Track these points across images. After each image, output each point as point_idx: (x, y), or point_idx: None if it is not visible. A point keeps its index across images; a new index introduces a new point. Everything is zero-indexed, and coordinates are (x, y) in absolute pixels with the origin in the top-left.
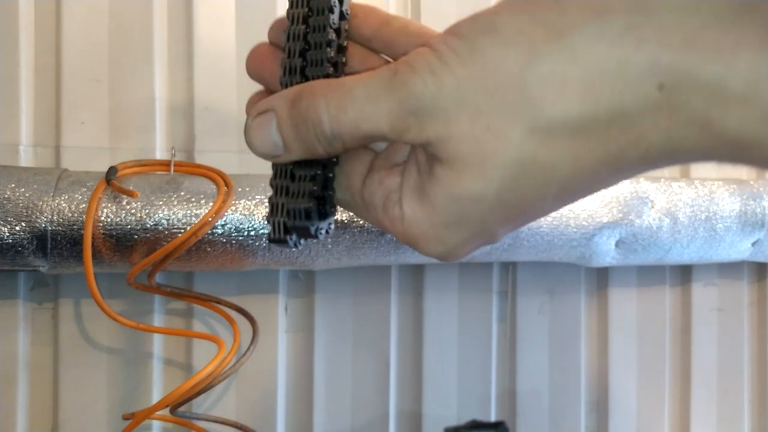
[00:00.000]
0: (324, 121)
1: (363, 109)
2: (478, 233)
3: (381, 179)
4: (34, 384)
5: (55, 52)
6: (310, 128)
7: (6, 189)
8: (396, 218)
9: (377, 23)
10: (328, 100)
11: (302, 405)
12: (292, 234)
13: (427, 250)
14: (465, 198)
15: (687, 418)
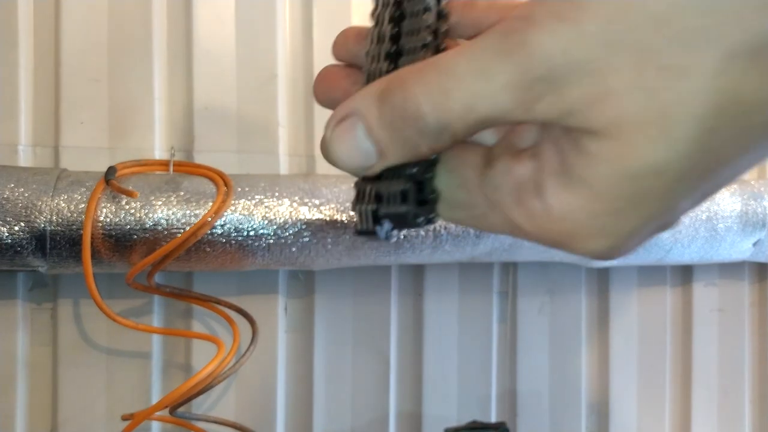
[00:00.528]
0: (426, 113)
1: (473, 87)
2: (656, 215)
3: (508, 169)
4: (34, 384)
5: (54, 52)
6: (410, 124)
7: (5, 189)
8: (537, 213)
9: (461, 6)
10: (426, 86)
11: (302, 405)
12: (382, 223)
13: (585, 248)
14: (640, 172)
15: (688, 418)
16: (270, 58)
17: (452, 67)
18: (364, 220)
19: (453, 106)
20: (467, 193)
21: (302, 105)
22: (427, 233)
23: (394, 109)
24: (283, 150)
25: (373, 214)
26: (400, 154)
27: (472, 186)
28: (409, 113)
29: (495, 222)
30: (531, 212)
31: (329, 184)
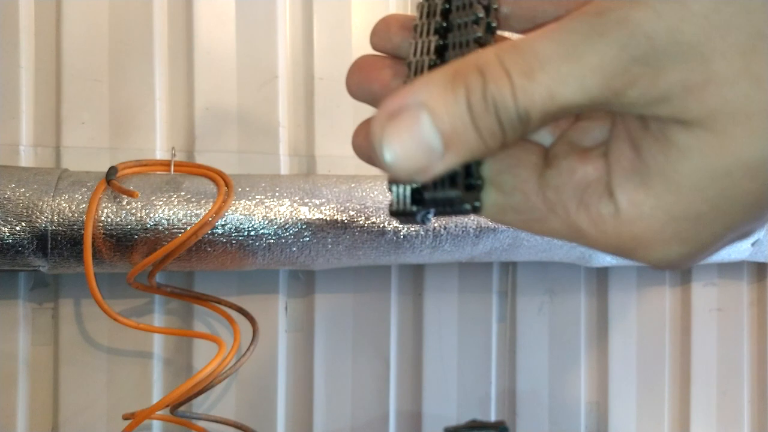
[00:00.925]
0: (507, 97)
1: (559, 70)
2: (743, 221)
3: (572, 169)
4: (35, 384)
5: (55, 53)
6: (489, 111)
7: (6, 189)
8: (604, 217)
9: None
10: (507, 68)
11: (302, 405)
12: (420, 208)
13: (655, 256)
14: (735, 170)
15: (687, 417)
16: (270, 58)
17: (537, 48)
18: (400, 201)
19: (537, 91)
20: (523, 194)
21: (303, 105)
22: (427, 233)
23: (471, 92)
24: (283, 150)
25: (411, 195)
26: (470, 150)
27: (529, 187)
28: (490, 97)
29: (553, 226)
30: (597, 216)
31: (329, 184)
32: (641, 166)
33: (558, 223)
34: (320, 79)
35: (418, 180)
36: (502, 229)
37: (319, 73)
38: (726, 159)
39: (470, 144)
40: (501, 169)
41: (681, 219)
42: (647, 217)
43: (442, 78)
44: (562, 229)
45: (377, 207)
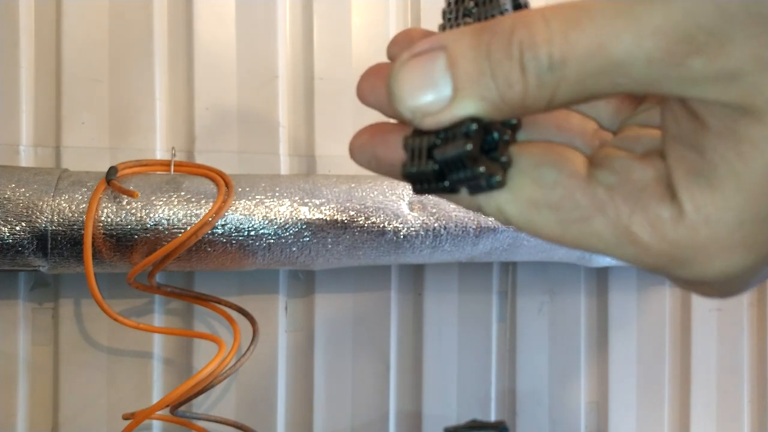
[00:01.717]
0: (541, 42)
1: (613, 23)
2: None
3: (627, 167)
4: (35, 384)
5: (55, 53)
6: (513, 56)
7: (6, 189)
8: (663, 220)
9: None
10: (546, 15)
11: (302, 405)
12: (437, 169)
13: (720, 266)
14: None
15: (687, 417)
16: (270, 58)
17: (587, 3)
18: (415, 159)
19: (581, 39)
20: (566, 190)
21: (302, 105)
22: (427, 233)
23: (495, 35)
24: (283, 150)
25: (427, 152)
26: (479, 97)
27: (575, 183)
28: (516, 41)
29: (598, 229)
30: (656, 219)
31: (329, 184)
32: (707, 166)
33: (605, 226)
34: (320, 79)
35: (424, 125)
36: (502, 229)
37: (319, 73)
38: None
39: (482, 93)
40: (541, 161)
41: (750, 222)
42: (714, 221)
43: (472, 27)
44: (607, 233)
45: (377, 207)
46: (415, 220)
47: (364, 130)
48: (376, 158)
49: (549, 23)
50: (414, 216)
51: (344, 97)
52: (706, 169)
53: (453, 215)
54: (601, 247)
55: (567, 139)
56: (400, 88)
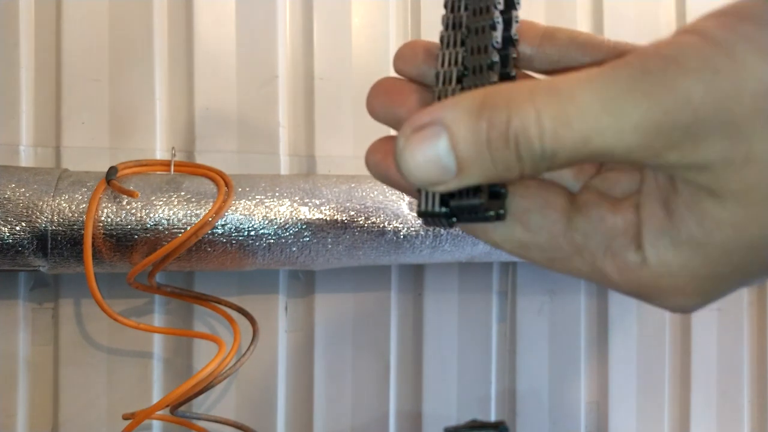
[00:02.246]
0: (534, 137)
1: (600, 120)
2: (756, 278)
3: (602, 218)
4: (35, 384)
5: (55, 52)
6: (510, 147)
7: (6, 189)
8: (630, 266)
9: (538, 38)
10: (539, 108)
11: (302, 405)
12: (447, 208)
13: (673, 304)
14: (761, 242)
15: (687, 418)
16: (270, 58)
17: (576, 93)
18: (429, 203)
19: (568, 136)
20: (550, 235)
21: (302, 105)
22: (427, 233)
23: (493, 126)
24: (283, 150)
25: (440, 198)
26: (483, 176)
27: (557, 229)
28: (512, 134)
29: (577, 266)
30: (623, 264)
31: (329, 185)
32: (672, 228)
33: (582, 265)
34: (320, 79)
35: (434, 190)
36: None
37: (319, 73)
38: (756, 232)
39: (484, 171)
40: (529, 208)
41: (705, 278)
42: (673, 274)
43: (469, 103)
44: (585, 270)
45: (377, 207)
46: (415, 220)
47: (377, 147)
48: (388, 179)
49: (540, 118)
50: (414, 216)
51: (344, 97)
52: (671, 231)
53: None
54: (583, 278)
55: (556, 175)
56: (408, 165)
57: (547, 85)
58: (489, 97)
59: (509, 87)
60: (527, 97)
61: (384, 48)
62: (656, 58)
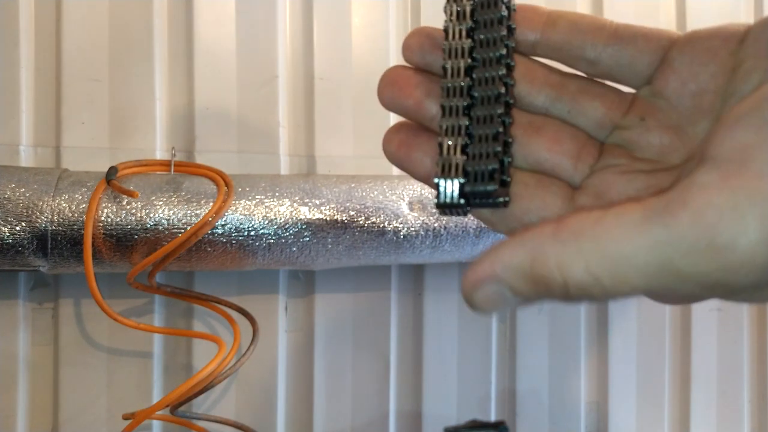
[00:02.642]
0: (594, 292)
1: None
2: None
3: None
4: (34, 384)
5: (55, 52)
6: (556, 289)
7: (6, 189)
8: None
9: (541, 25)
10: (593, 272)
11: (302, 405)
12: (467, 199)
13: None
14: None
15: (687, 418)
16: (270, 58)
17: (614, 244)
18: (448, 195)
19: (626, 290)
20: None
21: (303, 105)
22: (427, 233)
23: (541, 280)
24: (283, 150)
25: (459, 189)
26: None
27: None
28: (556, 283)
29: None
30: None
31: (329, 184)
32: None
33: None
34: (320, 79)
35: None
36: None
37: (319, 73)
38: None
39: (537, 297)
40: (528, 209)
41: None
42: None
43: (519, 262)
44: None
45: (377, 207)
46: (415, 220)
47: (392, 136)
48: (403, 167)
49: (600, 280)
50: (414, 216)
51: (344, 97)
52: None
53: None
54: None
55: (556, 161)
56: (482, 310)
57: (593, 239)
58: (537, 260)
59: (556, 246)
60: (577, 256)
61: (384, 48)
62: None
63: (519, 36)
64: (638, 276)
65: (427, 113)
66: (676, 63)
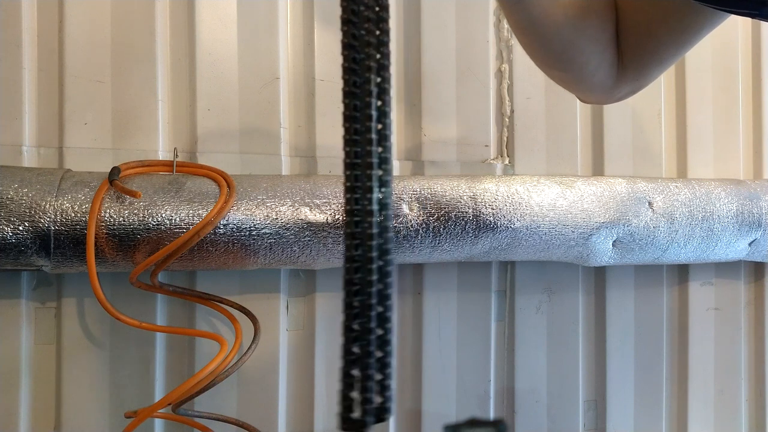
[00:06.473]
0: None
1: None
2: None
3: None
4: (37, 382)
5: (58, 54)
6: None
7: (9, 189)
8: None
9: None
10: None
11: (303, 402)
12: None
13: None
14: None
15: (684, 416)
16: (272, 60)
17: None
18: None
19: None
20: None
21: (304, 106)
22: (427, 233)
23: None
24: (284, 151)
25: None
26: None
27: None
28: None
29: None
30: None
31: (330, 185)
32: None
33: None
34: (321, 80)
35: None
36: (500, 228)
37: (319, 74)
38: None
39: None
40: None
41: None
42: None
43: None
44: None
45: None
46: (414, 220)
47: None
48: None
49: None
50: (414, 216)
51: None
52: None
53: (452, 215)
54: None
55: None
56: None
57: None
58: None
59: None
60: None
61: None
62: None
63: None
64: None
65: None
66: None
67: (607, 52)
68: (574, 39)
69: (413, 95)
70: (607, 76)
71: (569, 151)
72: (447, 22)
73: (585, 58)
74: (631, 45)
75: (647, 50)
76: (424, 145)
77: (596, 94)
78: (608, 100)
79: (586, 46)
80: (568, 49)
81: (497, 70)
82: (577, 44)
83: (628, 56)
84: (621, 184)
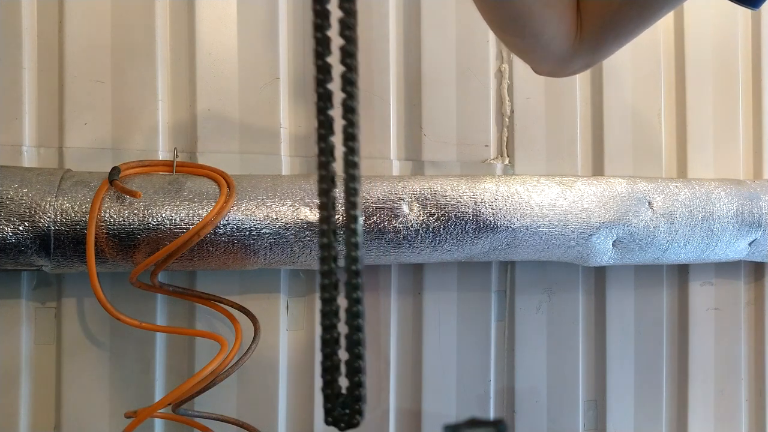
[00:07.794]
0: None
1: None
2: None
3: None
4: (37, 382)
5: (58, 54)
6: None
7: (9, 189)
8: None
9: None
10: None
11: (303, 402)
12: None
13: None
14: None
15: (684, 416)
16: (272, 60)
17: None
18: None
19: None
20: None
21: (304, 107)
22: (427, 233)
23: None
24: (284, 151)
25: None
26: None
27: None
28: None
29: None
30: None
31: None
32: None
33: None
34: None
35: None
36: (500, 228)
37: None
38: None
39: None
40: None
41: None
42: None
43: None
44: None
45: (377, 207)
46: (415, 220)
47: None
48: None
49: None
50: (414, 216)
51: None
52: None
53: (452, 215)
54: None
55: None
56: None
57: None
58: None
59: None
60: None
61: (384, 50)
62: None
63: None
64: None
65: None
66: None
67: (563, 22)
68: (530, 2)
69: (413, 95)
70: (563, 46)
71: (569, 151)
72: (447, 22)
73: (540, 26)
74: (590, 16)
75: (606, 23)
76: (424, 145)
77: (550, 64)
78: (562, 72)
79: (542, 12)
80: (524, 12)
81: (497, 70)
82: (533, 8)
83: (586, 28)
84: (621, 184)
